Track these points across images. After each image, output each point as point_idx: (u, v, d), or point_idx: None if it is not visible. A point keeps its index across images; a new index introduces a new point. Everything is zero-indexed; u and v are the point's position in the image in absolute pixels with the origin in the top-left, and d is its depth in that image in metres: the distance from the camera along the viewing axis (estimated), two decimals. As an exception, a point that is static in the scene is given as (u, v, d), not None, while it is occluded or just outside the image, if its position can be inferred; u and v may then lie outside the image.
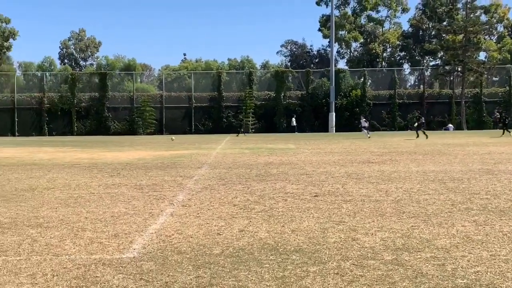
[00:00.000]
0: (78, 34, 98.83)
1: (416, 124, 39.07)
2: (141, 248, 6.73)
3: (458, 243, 6.86)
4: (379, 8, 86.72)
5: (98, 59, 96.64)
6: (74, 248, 6.78)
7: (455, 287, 5.16)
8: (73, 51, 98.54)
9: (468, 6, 65.28)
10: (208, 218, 8.63)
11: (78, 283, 5.34)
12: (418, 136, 36.52)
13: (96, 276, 5.55)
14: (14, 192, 12.03)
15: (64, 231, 7.75)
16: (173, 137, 28.61)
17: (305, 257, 6.26)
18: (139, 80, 79.57)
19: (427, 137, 35.31)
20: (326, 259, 6.17)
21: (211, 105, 60.74)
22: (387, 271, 5.68)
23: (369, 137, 38.57)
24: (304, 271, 5.71)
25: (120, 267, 5.86)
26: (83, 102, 60.71)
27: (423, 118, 48.43)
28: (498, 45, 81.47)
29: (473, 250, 6.49)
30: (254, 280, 5.40)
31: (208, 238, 7.23)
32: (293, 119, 57.07)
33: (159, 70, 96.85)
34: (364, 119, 42.95)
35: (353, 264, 5.95)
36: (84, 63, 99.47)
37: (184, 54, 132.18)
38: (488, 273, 5.56)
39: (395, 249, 6.61)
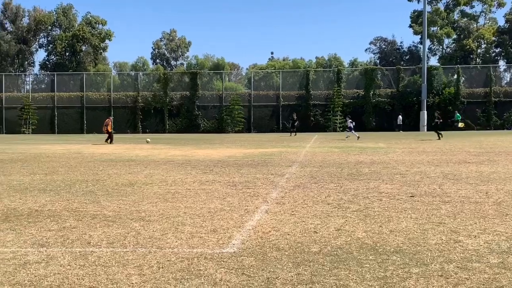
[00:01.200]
0: (170, 35, 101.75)
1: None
2: (240, 243, 6.85)
3: None
4: (473, 3, 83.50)
5: (188, 59, 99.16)
6: (176, 241, 7.00)
7: None
8: (165, 51, 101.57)
9: None
10: (303, 216, 8.65)
11: (183, 275, 5.51)
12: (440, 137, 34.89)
13: (199, 270, 5.70)
14: (115, 187, 12.58)
15: (165, 225, 8.02)
16: (148, 139, 30.61)
17: (406, 258, 6.14)
18: (227, 79, 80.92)
19: (439, 138, 34.07)
20: (428, 260, 6.02)
21: (299, 104, 60.77)
22: (493, 275, 5.48)
23: (358, 137, 36.22)
24: (406, 272, 5.61)
25: (222, 262, 6.00)
26: (174, 101, 62.48)
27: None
28: None
29: None
30: (355, 279, 5.36)
31: (305, 236, 7.24)
32: (399, 117, 55.72)
33: (247, 69, 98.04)
34: (350, 120, 40.09)
35: (457, 267, 5.78)
36: (175, 62, 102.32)
37: (272, 53, 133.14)
38: None
39: (500, 252, 6.36)
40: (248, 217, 8.66)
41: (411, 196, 10.67)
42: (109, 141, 33.61)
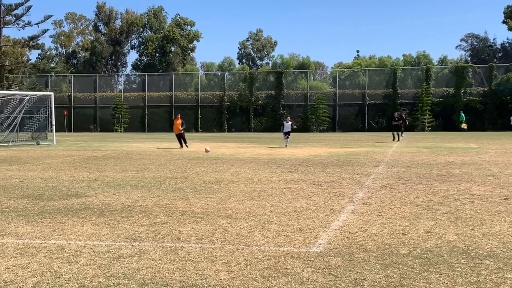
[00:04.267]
0: (256, 35, 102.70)
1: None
2: (326, 243, 6.83)
3: None
4: None
5: (274, 58, 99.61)
6: (262, 239, 7.08)
7: None
8: (251, 51, 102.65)
9: None
10: (391, 217, 8.50)
11: (270, 273, 5.57)
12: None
13: (286, 268, 5.74)
14: (203, 184, 12.86)
15: (251, 223, 8.13)
16: (208, 148, 20.79)
17: (500, 262, 5.90)
18: (312, 78, 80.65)
19: (394, 139, 32.63)
20: None
21: (385, 102, 59.59)
22: None
23: (286, 146, 28.32)
24: (500, 277, 5.39)
25: (308, 261, 6.00)
26: (260, 100, 62.99)
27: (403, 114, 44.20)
28: None
29: None
30: (447, 283, 5.21)
31: (393, 238, 7.12)
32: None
33: (332, 67, 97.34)
34: (290, 122, 29.89)
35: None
36: (260, 62, 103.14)
37: (357, 51, 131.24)
38: None
39: None
40: (334, 217, 8.61)
41: (505, 199, 10.23)
42: (183, 144, 27.94)
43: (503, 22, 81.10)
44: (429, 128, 56.24)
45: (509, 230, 7.54)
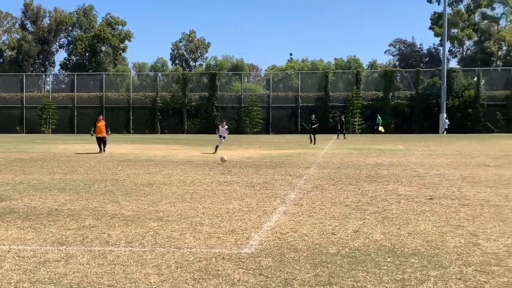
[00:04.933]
0: (189, 36, 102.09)
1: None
2: (258, 244, 6.87)
3: None
4: (494, 5, 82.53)
5: (207, 60, 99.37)
6: (194, 241, 7.04)
7: None
8: (184, 52, 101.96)
9: None
10: (321, 218, 8.65)
11: (201, 275, 5.54)
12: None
13: (217, 270, 5.73)
14: (134, 187, 12.67)
15: (183, 225, 8.07)
16: (225, 157, 17.75)
17: (424, 260, 6.11)
18: (246, 80, 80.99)
19: (311, 142, 32.41)
20: (446, 263, 5.99)
21: (317, 105, 60.59)
22: (513, 279, 5.43)
23: (215, 153, 24.40)
24: (425, 275, 5.58)
25: (240, 262, 6.02)
26: (193, 101, 62.64)
27: (343, 117, 47.01)
28: None
29: None
30: (373, 281, 5.35)
31: (323, 237, 7.24)
32: (445, 120, 54.44)
33: (265, 70, 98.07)
34: (226, 126, 27.09)
35: (476, 270, 5.74)
36: (194, 63, 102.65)
37: (291, 54, 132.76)
38: None
39: (521, 256, 6.29)
40: (266, 218, 8.68)
41: (430, 199, 10.61)
42: (103, 148, 25.14)
43: (430, 28, 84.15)
44: (359, 131, 57.59)
45: (433, 229, 7.82)
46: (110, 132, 26.38)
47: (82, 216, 8.87)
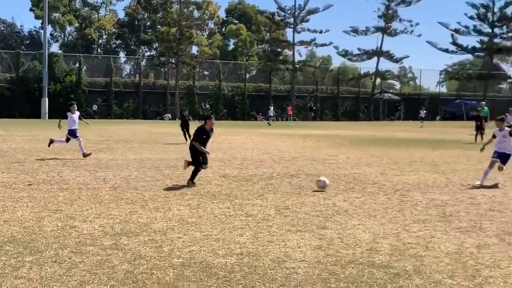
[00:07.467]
0: None
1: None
2: None
3: (174, 225, 7.31)
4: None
5: None
6: None
7: (171, 266, 5.52)
8: None
9: (182, 0, 68.11)
10: None
11: None
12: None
13: None
14: None
15: None
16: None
17: (20, 247, 6.03)
18: None
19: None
20: (43, 248, 6.03)
21: None
22: (106, 256, 5.80)
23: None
24: (20, 261, 5.52)
25: None
26: None
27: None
28: (209, 40, 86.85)
29: (188, 232, 6.99)
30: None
31: None
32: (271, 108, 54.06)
33: None
34: (76, 122, 25.32)
35: (72, 252, 5.93)
36: None
37: None
38: (202, 252, 6.07)
39: (114, 234, 6.76)
40: None
41: (29, 185, 10.44)
42: None
43: (30, 10, 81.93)
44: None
45: (31, 215, 7.74)
46: None
47: None
